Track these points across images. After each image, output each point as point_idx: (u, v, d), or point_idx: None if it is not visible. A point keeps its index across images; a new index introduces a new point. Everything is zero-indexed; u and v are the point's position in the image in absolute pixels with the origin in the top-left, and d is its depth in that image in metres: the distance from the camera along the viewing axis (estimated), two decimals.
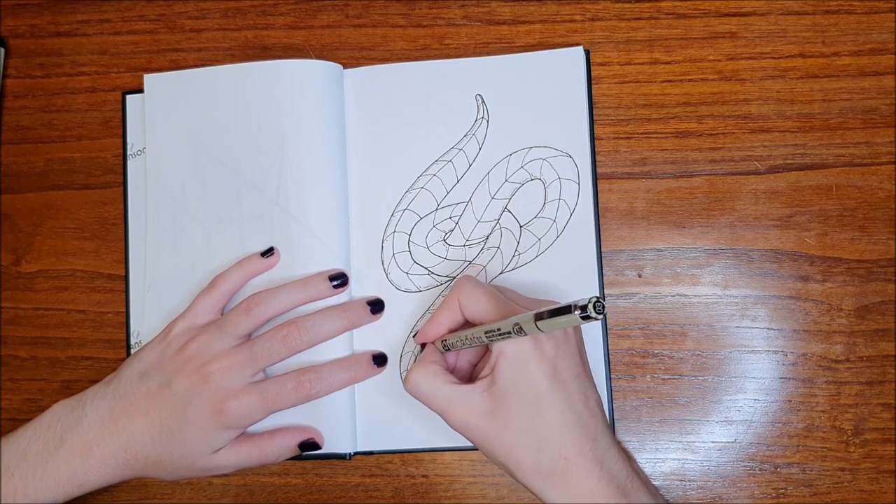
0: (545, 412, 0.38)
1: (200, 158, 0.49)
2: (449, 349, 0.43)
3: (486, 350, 0.42)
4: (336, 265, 0.47)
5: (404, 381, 0.42)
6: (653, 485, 0.40)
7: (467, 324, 0.43)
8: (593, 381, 0.40)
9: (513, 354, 0.38)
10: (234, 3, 0.52)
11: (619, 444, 0.40)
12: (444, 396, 0.40)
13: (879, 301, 0.47)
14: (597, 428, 0.39)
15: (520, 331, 0.36)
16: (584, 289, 0.47)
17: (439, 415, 0.40)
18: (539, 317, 0.35)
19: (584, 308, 0.32)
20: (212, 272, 0.47)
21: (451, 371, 0.42)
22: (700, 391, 0.48)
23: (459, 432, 0.40)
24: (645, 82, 0.49)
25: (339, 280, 0.46)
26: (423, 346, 0.44)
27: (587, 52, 0.49)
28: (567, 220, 0.48)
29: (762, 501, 0.47)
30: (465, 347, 0.41)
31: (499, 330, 0.37)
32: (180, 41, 0.52)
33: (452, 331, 0.43)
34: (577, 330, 0.41)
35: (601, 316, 0.32)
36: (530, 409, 0.38)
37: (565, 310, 0.33)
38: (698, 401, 0.48)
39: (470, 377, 0.44)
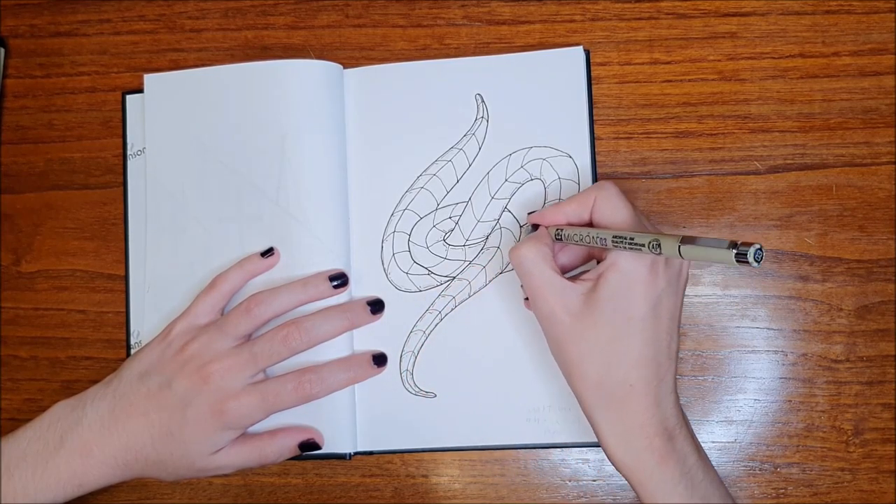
0: (630, 337, 0.38)
1: (200, 158, 0.49)
2: (561, 239, 0.41)
3: (587, 258, 0.41)
4: (336, 265, 0.47)
5: (511, 250, 0.41)
6: (701, 447, 0.40)
7: (588, 225, 0.41)
8: (679, 330, 0.40)
9: (624, 270, 0.38)
10: (234, 3, 0.52)
11: (678, 399, 0.40)
12: (545, 278, 0.39)
13: (879, 301, 0.47)
14: (668, 371, 0.39)
15: (657, 248, 0.35)
16: None
17: (529, 293, 0.40)
18: (687, 240, 0.33)
19: (743, 252, 0.30)
20: (212, 272, 0.47)
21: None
22: (700, 391, 0.48)
23: (541, 320, 0.40)
24: (645, 82, 0.49)
25: (339, 280, 0.46)
26: (534, 227, 0.43)
27: (587, 52, 0.49)
28: None
29: (762, 501, 0.47)
30: (580, 244, 0.40)
31: (631, 239, 0.36)
32: (180, 41, 0.52)
33: (570, 225, 0.41)
34: (687, 275, 0.40)
35: (757, 264, 0.30)
36: (618, 328, 0.38)
37: (719, 243, 0.31)
38: (698, 401, 0.48)
39: None
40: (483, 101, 0.49)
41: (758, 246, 0.30)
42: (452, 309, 0.48)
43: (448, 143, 0.49)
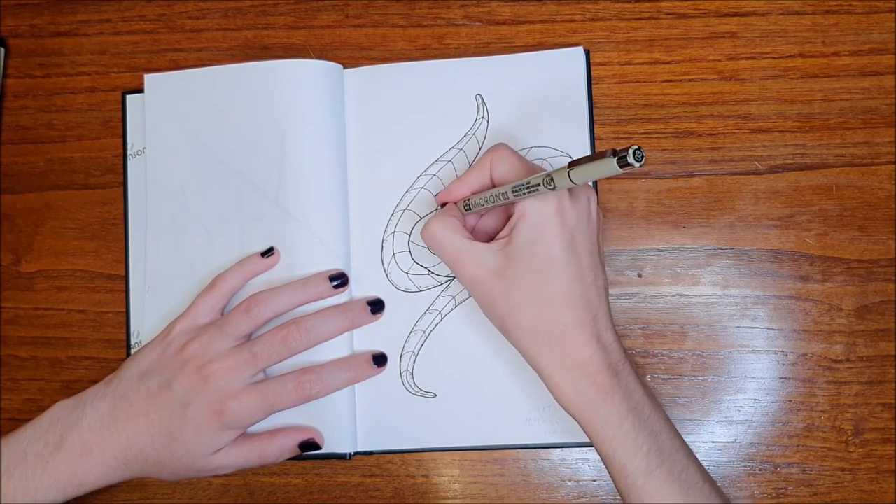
0: (553, 278, 0.38)
1: (200, 158, 0.49)
2: (470, 209, 0.42)
3: (506, 221, 0.42)
4: (336, 265, 0.47)
5: (422, 230, 0.42)
6: (646, 382, 0.40)
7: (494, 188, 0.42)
8: (604, 266, 0.41)
9: (533, 217, 0.39)
10: (234, 3, 0.52)
11: (617, 336, 0.40)
12: (458, 247, 0.41)
13: (879, 301, 0.47)
14: (599, 306, 0.39)
15: (550, 182, 0.35)
16: None
17: (448, 264, 0.41)
18: (574, 164, 0.34)
19: (622, 155, 0.31)
20: (212, 272, 0.47)
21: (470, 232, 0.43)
22: (700, 391, 0.48)
23: (465, 286, 0.41)
24: (645, 82, 0.49)
25: (339, 280, 0.46)
26: (443, 206, 0.45)
27: (587, 52, 0.49)
28: None
29: (762, 501, 0.47)
30: (488, 206, 0.41)
31: (528, 183, 0.37)
32: (180, 41, 0.52)
33: (475, 194, 0.43)
34: (598, 212, 0.41)
35: (640, 164, 0.31)
36: (539, 273, 0.38)
37: (601, 156, 0.32)
38: (698, 401, 0.48)
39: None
40: (483, 101, 0.49)
41: (635, 147, 0.31)
42: (452, 309, 0.48)
43: (448, 143, 0.49)
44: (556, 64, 0.49)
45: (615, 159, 0.31)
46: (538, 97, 0.48)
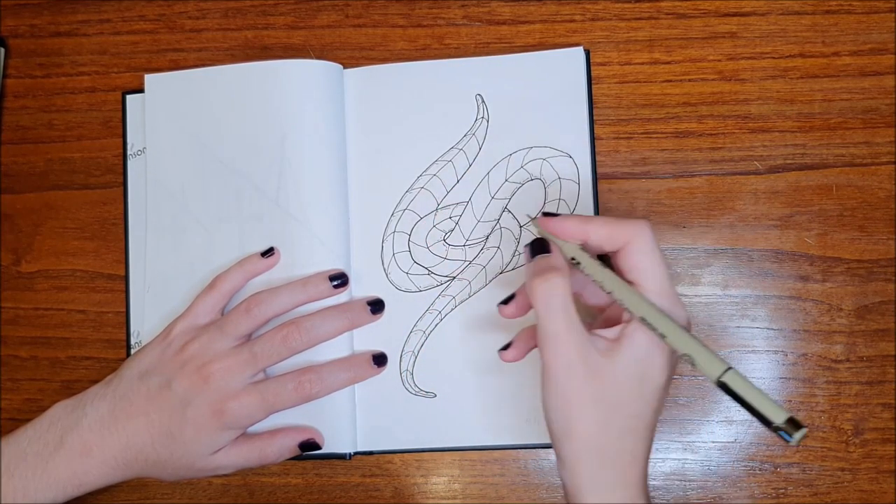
0: (646, 404, 0.35)
1: (201, 158, 0.49)
2: (578, 264, 0.37)
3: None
4: (336, 265, 0.47)
5: (532, 281, 0.36)
6: None
7: (603, 257, 0.38)
8: None
9: (648, 336, 0.35)
10: (234, 3, 0.52)
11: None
12: (570, 324, 0.35)
13: (879, 301, 0.47)
14: (651, 443, 0.37)
15: (686, 358, 0.34)
16: None
17: (545, 338, 0.35)
18: (731, 381, 0.32)
19: (790, 427, 0.30)
20: (212, 272, 0.47)
21: None
22: (700, 391, 0.48)
23: (551, 368, 0.35)
24: (645, 82, 0.49)
25: (339, 280, 0.46)
26: (537, 242, 0.38)
27: (587, 52, 0.49)
28: None
29: (762, 501, 0.47)
30: (596, 285, 0.36)
31: (663, 337, 0.34)
32: (180, 41, 0.52)
33: (583, 244, 0.37)
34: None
35: (793, 443, 0.30)
36: (635, 394, 0.35)
37: (767, 405, 0.31)
38: (698, 401, 0.48)
39: None
40: (483, 101, 0.49)
41: (805, 429, 0.30)
42: (452, 309, 0.48)
43: (448, 144, 0.49)
44: (556, 64, 0.49)
45: (783, 422, 0.31)
46: (538, 97, 0.48)
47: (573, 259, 0.37)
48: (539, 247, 0.38)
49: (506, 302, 0.42)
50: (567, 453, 0.36)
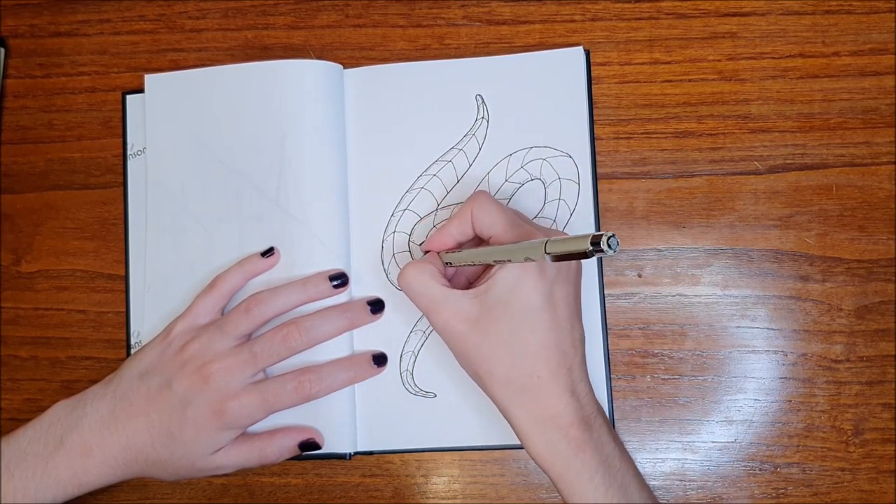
0: (529, 329, 0.38)
1: (201, 158, 0.49)
2: (451, 264, 0.43)
3: (486, 268, 0.42)
4: (336, 265, 0.47)
5: (398, 276, 0.42)
6: (617, 435, 0.40)
7: (476, 239, 0.43)
8: (581, 318, 0.41)
9: (513, 267, 0.38)
10: (234, 3, 0.52)
11: (591, 388, 0.40)
12: (434, 295, 0.40)
13: (879, 301, 0.47)
14: (575, 359, 0.39)
15: (528, 260, 0.36)
16: (584, 289, 0.47)
17: (424, 313, 0.41)
18: (549, 246, 0.34)
19: (596, 241, 0.32)
20: (212, 272, 0.47)
21: (448, 280, 0.43)
22: (700, 391, 0.48)
23: (440, 334, 0.41)
24: (645, 82, 0.49)
25: (339, 280, 0.46)
26: (425, 253, 0.45)
27: (587, 52, 0.49)
28: (567, 220, 0.48)
29: (762, 501, 0.47)
30: (467, 265, 0.41)
31: (508, 261, 0.38)
32: (180, 41, 0.52)
33: (460, 244, 0.43)
34: (579, 264, 0.42)
35: (613, 251, 0.31)
36: (516, 323, 0.38)
37: (577, 239, 0.33)
38: (698, 401, 0.48)
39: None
40: (483, 101, 0.49)
41: (610, 234, 0.32)
42: None
43: (448, 144, 0.49)
44: (556, 64, 0.49)
45: (589, 243, 0.32)
46: (538, 97, 0.48)
47: (447, 263, 0.43)
48: None
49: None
50: (487, 391, 0.40)
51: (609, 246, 0.31)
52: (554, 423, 0.38)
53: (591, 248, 0.32)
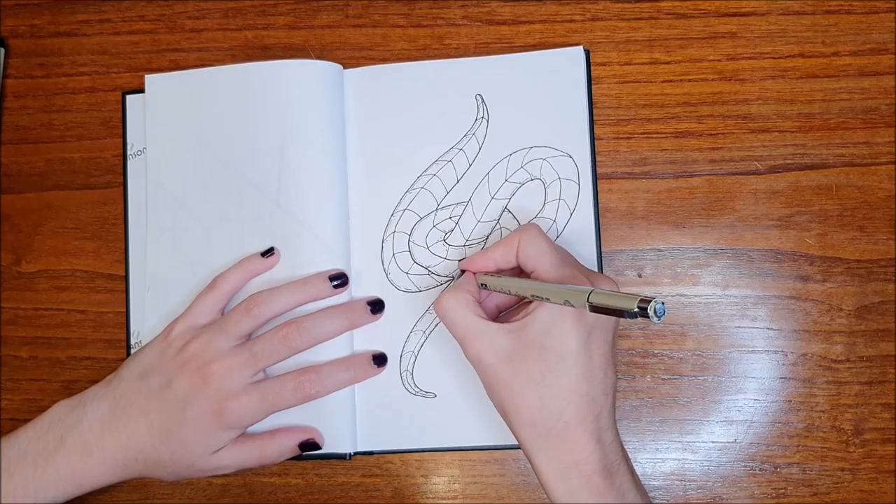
0: (562, 372, 0.37)
1: (201, 158, 0.49)
2: (486, 287, 0.42)
3: (519, 300, 0.41)
4: (336, 265, 0.47)
5: (434, 303, 0.41)
6: (640, 481, 0.40)
7: (517, 269, 0.42)
8: (615, 364, 0.40)
9: (552, 307, 0.38)
10: (234, 3, 0.52)
11: (617, 434, 0.40)
12: (470, 327, 0.40)
13: (879, 301, 0.47)
14: (604, 406, 0.38)
15: (567, 304, 0.36)
16: None
17: (459, 342, 0.40)
18: (594, 296, 0.34)
19: (644, 305, 0.31)
20: (212, 272, 0.47)
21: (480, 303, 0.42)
22: (700, 391, 0.48)
23: (472, 363, 0.40)
24: (645, 82, 0.49)
25: (339, 280, 0.46)
26: (462, 271, 0.44)
27: (587, 52, 0.49)
28: (567, 220, 0.48)
29: (762, 501, 0.47)
30: (503, 292, 0.41)
31: (547, 299, 0.37)
32: (180, 41, 0.52)
33: (500, 270, 0.43)
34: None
35: (658, 320, 0.31)
36: (549, 365, 0.38)
37: (626, 298, 0.32)
38: (698, 401, 0.48)
39: (493, 320, 0.43)
40: (483, 101, 0.49)
41: (660, 302, 0.31)
42: None
43: (448, 144, 0.49)
44: (556, 64, 0.49)
45: (636, 305, 0.31)
46: (538, 97, 0.48)
47: (482, 284, 0.43)
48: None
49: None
50: (512, 428, 0.40)
51: (655, 314, 0.31)
52: (577, 469, 0.37)
53: (636, 309, 0.31)
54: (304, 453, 0.46)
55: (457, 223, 0.48)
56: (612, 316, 0.35)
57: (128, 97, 0.52)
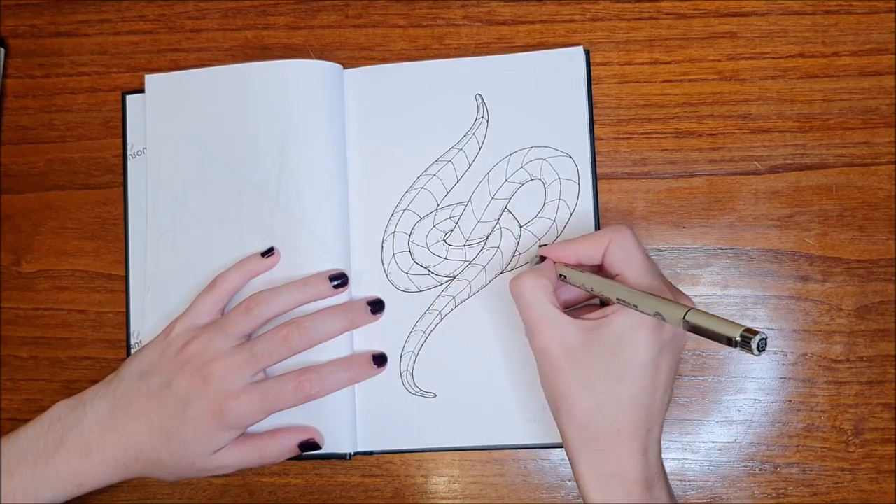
0: (629, 382, 0.37)
1: (201, 158, 0.49)
2: (565, 280, 0.41)
3: (592, 294, 0.41)
4: (336, 265, 0.47)
5: (512, 280, 0.40)
6: (673, 493, 0.40)
7: (597, 267, 0.42)
8: (673, 385, 0.40)
9: (631, 314, 0.37)
10: (234, 3, 0.52)
11: (660, 449, 0.39)
12: (543, 313, 0.39)
13: (879, 301, 0.47)
14: (657, 421, 0.39)
15: (657, 316, 0.35)
16: None
17: (526, 325, 0.40)
18: (691, 315, 0.33)
19: (748, 337, 0.30)
20: (212, 272, 0.47)
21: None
22: (700, 391, 0.48)
23: (534, 352, 0.40)
24: (645, 82, 0.49)
25: (339, 280, 0.46)
26: (541, 259, 0.43)
27: (587, 52, 0.49)
28: (567, 220, 0.48)
29: (762, 501, 0.47)
30: (582, 289, 0.40)
31: (635, 306, 0.36)
32: (180, 41, 0.52)
33: (580, 264, 0.42)
34: (688, 335, 0.40)
35: (757, 354, 0.30)
36: (615, 372, 0.37)
37: (727, 324, 0.32)
38: (698, 401, 0.48)
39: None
40: (483, 101, 0.49)
41: (763, 336, 0.30)
42: (452, 309, 0.48)
43: (448, 144, 0.49)
44: (556, 64, 0.49)
45: (739, 334, 0.31)
46: (538, 97, 0.48)
47: (561, 276, 0.41)
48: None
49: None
50: (560, 425, 0.39)
51: (758, 348, 0.30)
52: (620, 478, 0.37)
53: (738, 338, 0.31)
54: (304, 453, 0.46)
55: (457, 223, 0.48)
56: (708, 338, 0.33)
57: (128, 97, 0.52)
